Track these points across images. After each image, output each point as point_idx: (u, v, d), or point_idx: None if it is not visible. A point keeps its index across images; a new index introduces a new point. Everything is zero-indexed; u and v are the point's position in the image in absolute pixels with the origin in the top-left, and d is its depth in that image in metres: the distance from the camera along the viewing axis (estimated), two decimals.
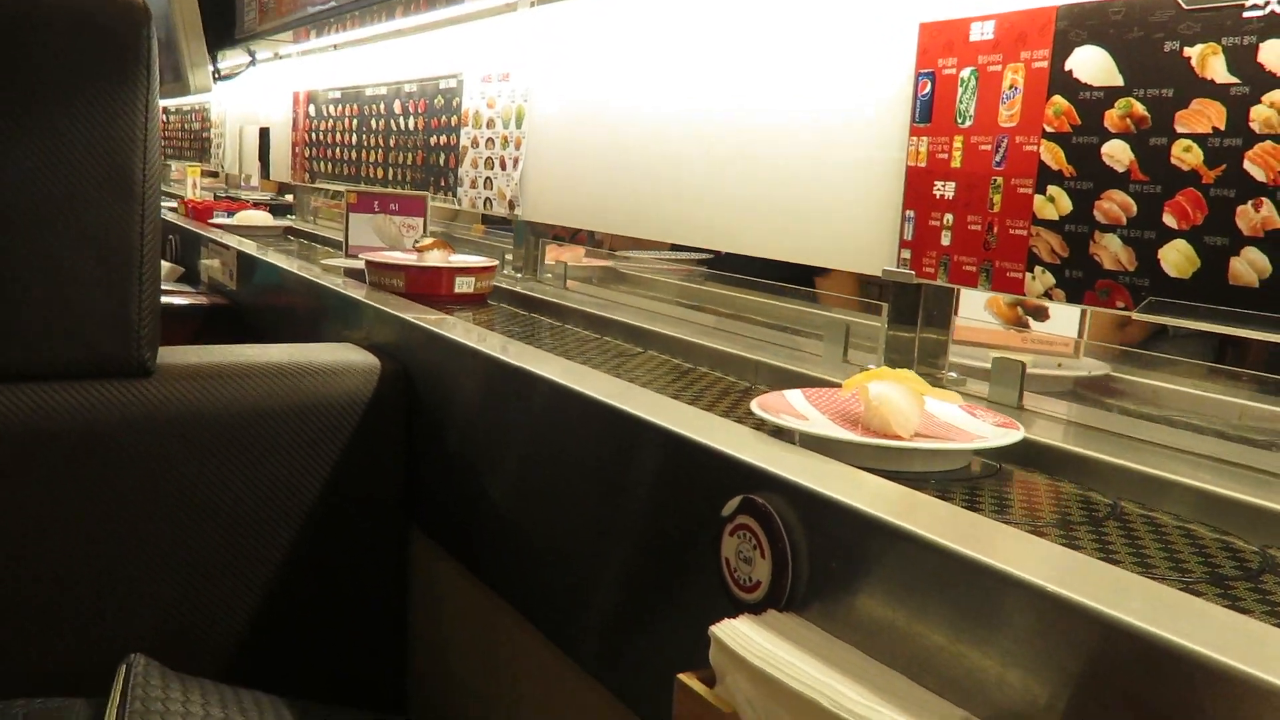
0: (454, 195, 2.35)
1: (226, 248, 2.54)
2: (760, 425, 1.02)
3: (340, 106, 3.06)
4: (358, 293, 1.77)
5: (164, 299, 2.49)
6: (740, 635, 0.76)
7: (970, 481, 0.92)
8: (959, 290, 1.22)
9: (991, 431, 0.96)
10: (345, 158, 3.01)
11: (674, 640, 0.95)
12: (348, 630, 1.51)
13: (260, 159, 3.77)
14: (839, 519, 0.77)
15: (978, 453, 0.97)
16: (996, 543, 0.69)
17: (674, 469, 0.96)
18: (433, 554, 1.47)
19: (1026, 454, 0.98)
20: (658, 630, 0.98)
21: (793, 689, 0.70)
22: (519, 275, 2.12)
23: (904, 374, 1.00)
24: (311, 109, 3.28)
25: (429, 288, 1.80)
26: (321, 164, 3.22)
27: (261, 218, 3.17)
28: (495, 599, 1.28)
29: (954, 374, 1.25)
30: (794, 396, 1.06)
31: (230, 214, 3.22)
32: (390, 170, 2.71)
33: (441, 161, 2.42)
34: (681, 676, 0.80)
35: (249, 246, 2.53)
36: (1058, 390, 1.24)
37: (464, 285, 1.83)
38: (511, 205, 2.11)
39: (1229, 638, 0.56)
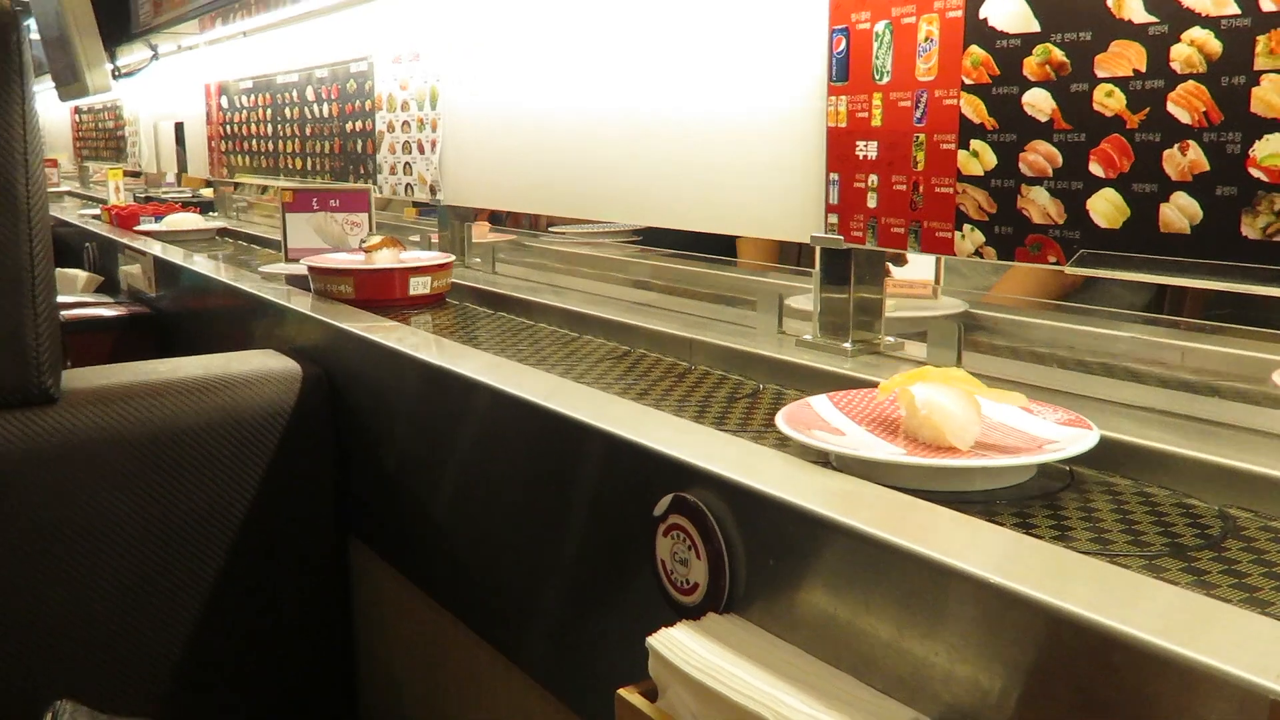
0: (374, 182, 2.28)
1: (143, 254, 2.45)
2: (783, 443, 0.88)
3: (253, 97, 2.95)
4: (277, 296, 1.70)
5: (80, 310, 2.41)
6: (678, 645, 0.72)
7: (1046, 499, 0.78)
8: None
9: (1062, 434, 0.82)
10: (262, 149, 2.92)
11: (618, 647, 0.91)
12: (291, 647, 1.46)
13: (177, 155, 3.65)
14: (774, 514, 0.73)
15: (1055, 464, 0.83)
16: (937, 532, 0.66)
17: (605, 468, 0.92)
18: (372, 563, 1.42)
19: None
20: (601, 636, 0.94)
21: (735, 702, 0.66)
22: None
23: (953, 374, 0.86)
24: (224, 101, 3.18)
25: (381, 292, 1.64)
26: (239, 157, 3.12)
27: (192, 220, 2.98)
28: (437, 608, 1.23)
29: (890, 338, 1.22)
30: (822, 405, 0.92)
31: (158, 218, 3.04)
32: (308, 160, 2.63)
33: (359, 148, 2.34)
34: (622, 692, 0.76)
35: (174, 254, 2.42)
36: (921, 330, 1.24)
37: (419, 286, 1.66)
38: (433, 190, 2.05)
39: (1176, 622, 0.53)
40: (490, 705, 1.17)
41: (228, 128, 3.17)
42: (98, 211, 3.52)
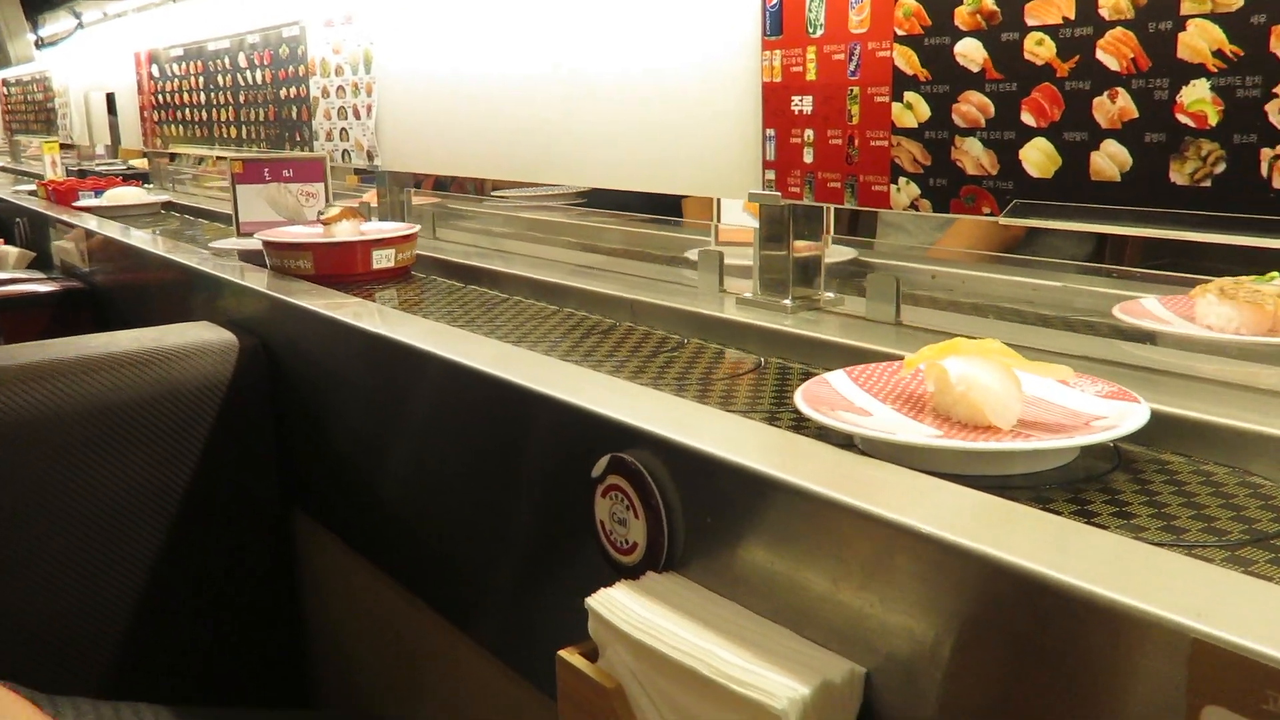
0: (311, 149, 2.23)
1: (73, 228, 2.39)
2: (800, 425, 0.82)
3: (184, 65, 2.88)
4: (213, 267, 1.66)
5: (13, 287, 2.35)
6: (617, 605, 0.72)
7: (1097, 481, 0.71)
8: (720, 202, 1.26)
9: (1108, 409, 0.75)
10: (196, 119, 2.85)
11: (562, 609, 0.90)
12: (236, 622, 1.44)
13: (110, 126, 3.56)
14: (710, 472, 0.72)
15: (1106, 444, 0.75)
16: (872, 484, 0.66)
17: (546, 431, 0.91)
18: (317, 534, 1.41)
19: None
20: (545, 600, 0.93)
21: (672, 658, 0.66)
22: None
23: (987, 345, 0.79)
24: (155, 70, 3.10)
25: (343, 266, 1.55)
26: (172, 127, 3.04)
27: (134, 194, 2.80)
28: (383, 576, 1.22)
29: (830, 294, 1.22)
30: (841, 382, 0.85)
31: (98, 193, 2.86)
32: (243, 128, 2.57)
33: (294, 115, 2.29)
34: (563, 653, 0.75)
35: (109, 227, 2.35)
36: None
37: (383, 259, 1.56)
38: (370, 155, 2.01)
39: (1103, 567, 0.53)
40: (439, 672, 1.17)
41: (160, 97, 3.09)
42: (33, 187, 3.41)
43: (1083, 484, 0.71)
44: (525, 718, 1.00)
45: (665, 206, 2.23)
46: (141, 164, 3.73)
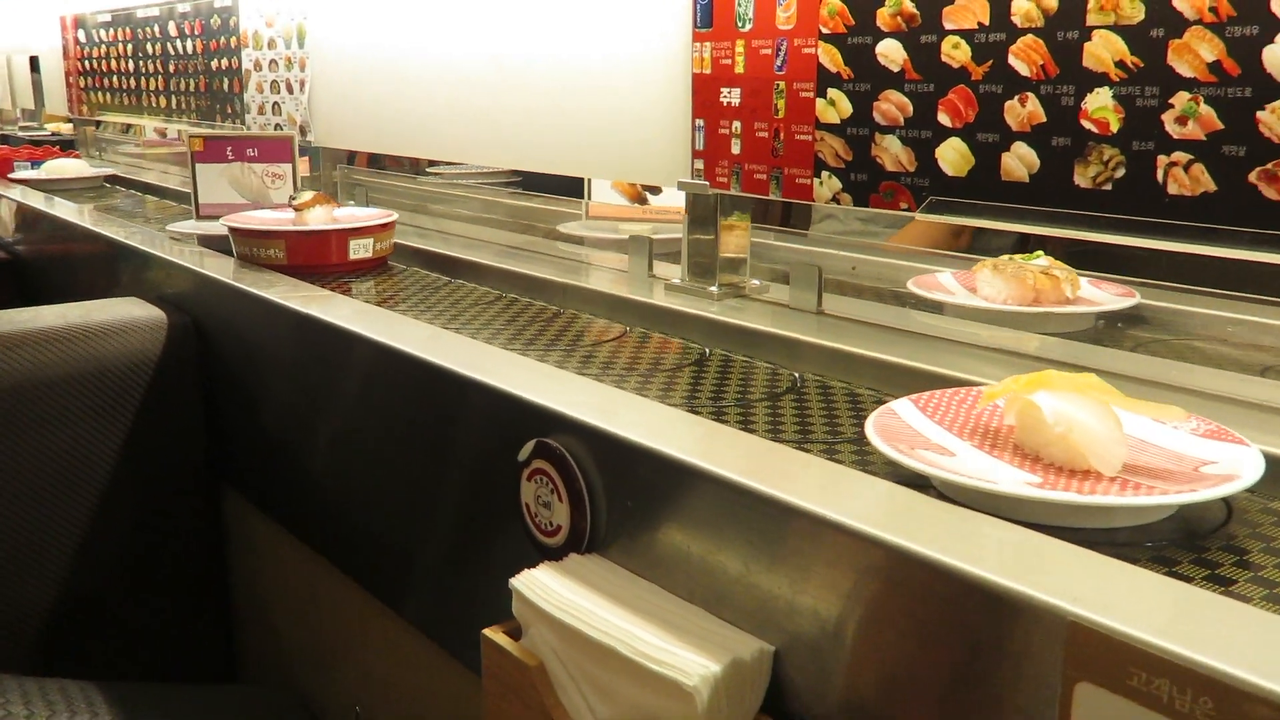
0: (242, 122, 2.21)
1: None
2: (865, 457, 0.77)
3: (111, 31, 2.83)
4: (142, 242, 1.65)
5: None
6: (539, 586, 0.75)
7: (1216, 536, 0.64)
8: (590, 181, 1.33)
9: (1218, 454, 0.69)
10: (124, 86, 2.80)
11: (490, 590, 0.93)
12: (165, 599, 1.44)
13: (34, 87, 3.47)
14: (630, 458, 0.75)
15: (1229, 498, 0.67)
16: (778, 472, 0.69)
17: (474, 414, 0.93)
18: (246, 511, 1.41)
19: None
20: (473, 580, 0.96)
21: (592, 638, 0.69)
22: None
23: (1083, 379, 0.71)
24: (81, 34, 3.03)
25: (317, 256, 1.44)
26: (99, 94, 2.99)
27: (76, 167, 2.61)
28: (312, 554, 1.24)
29: (756, 281, 1.25)
30: (910, 415, 0.77)
31: (35, 164, 2.65)
32: (173, 99, 2.53)
33: (226, 87, 2.27)
34: (487, 632, 0.78)
35: (34, 198, 2.23)
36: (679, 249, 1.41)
37: (360, 249, 1.47)
38: (303, 130, 2.00)
39: (993, 554, 0.57)
40: (368, 649, 1.19)
41: (86, 63, 3.03)
42: None
43: (1200, 538, 0.64)
44: (454, 695, 1.03)
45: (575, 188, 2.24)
46: (65, 129, 3.64)
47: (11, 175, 2.62)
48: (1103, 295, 1.18)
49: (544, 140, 1.47)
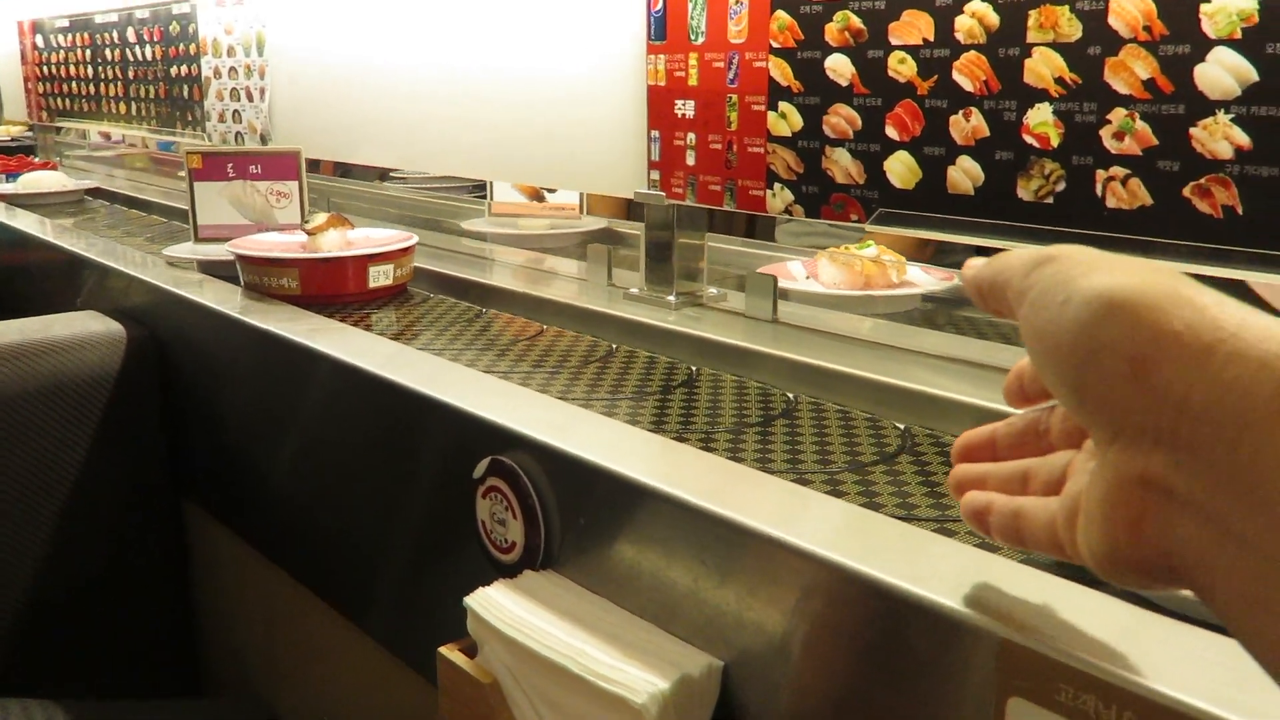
0: (203, 130, 2.20)
1: None
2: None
3: (70, 36, 2.80)
4: (101, 255, 1.64)
5: None
6: (493, 604, 0.76)
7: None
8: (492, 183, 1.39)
9: None
10: (83, 93, 2.78)
11: (448, 606, 0.93)
12: (128, 615, 1.44)
13: None
14: (583, 475, 0.76)
15: None
16: (726, 490, 0.70)
17: (432, 432, 0.94)
18: (208, 526, 1.41)
19: None
20: (432, 596, 0.96)
21: (544, 656, 0.70)
22: None
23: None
24: (39, 40, 3.00)
25: (333, 286, 1.34)
26: (58, 100, 2.96)
27: (55, 180, 2.48)
28: (275, 570, 1.24)
29: (713, 290, 1.26)
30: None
31: (10, 176, 2.50)
32: (133, 105, 2.52)
33: (186, 94, 2.26)
34: (443, 649, 0.79)
35: (13, 214, 2.08)
36: (575, 243, 1.75)
37: (380, 276, 1.36)
38: (264, 139, 2.00)
39: (928, 569, 0.58)
40: (331, 664, 1.19)
41: (45, 69, 3.00)
42: None
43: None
44: (417, 708, 1.03)
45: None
46: (15, 130, 3.57)
47: None
48: (927, 279, 1.35)
49: (503, 151, 1.47)
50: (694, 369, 1.06)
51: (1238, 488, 0.33)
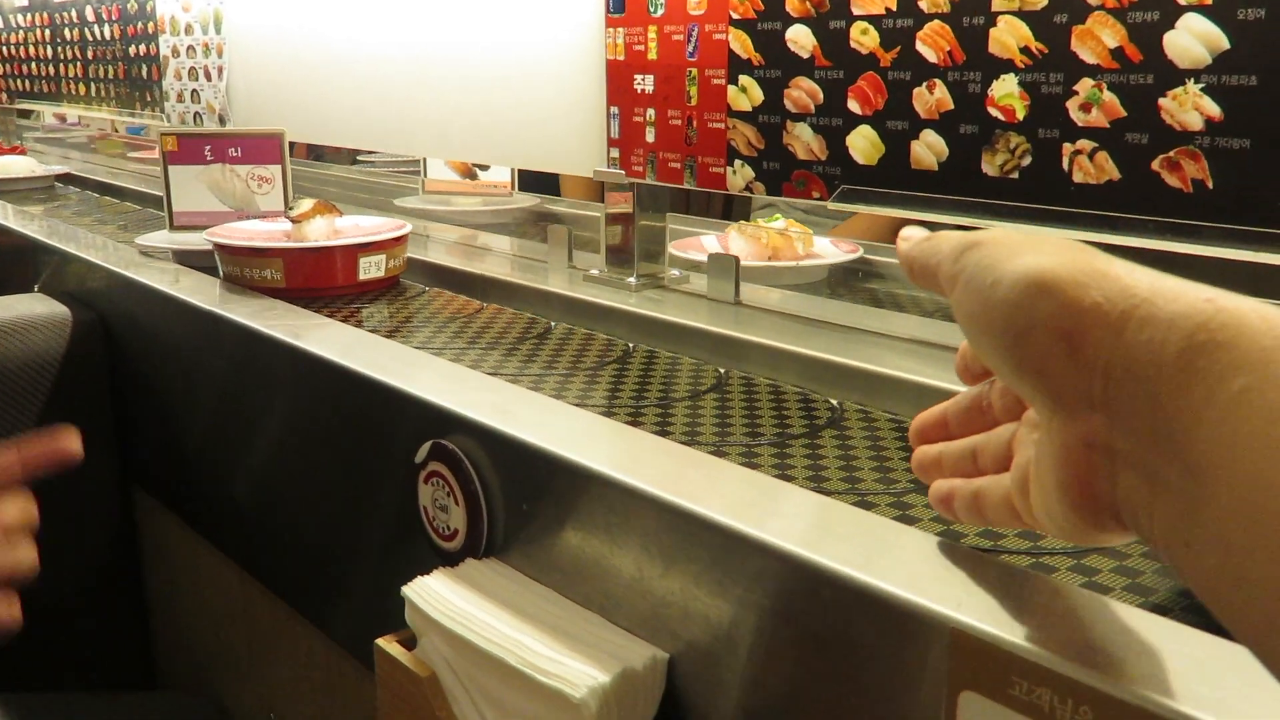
0: (161, 110, 2.15)
1: None
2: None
3: (29, 16, 2.74)
4: (45, 234, 1.59)
5: None
6: (432, 594, 0.72)
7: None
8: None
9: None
10: (43, 73, 2.72)
11: (394, 596, 0.90)
12: (78, 604, 1.40)
13: None
14: (523, 459, 0.73)
15: None
16: (669, 473, 0.67)
17: (376, 416, 0.90)
18: (158, 514, 1.37)
19: None
20: (379, 586, 0.93)
21: (482, 648, 0.67)
22: None
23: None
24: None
25: (320, 278, 1.24)
26: (18, 80, 2.90)
27: (25, 165, 2.36)
28: (224, 559, 1.20)
29: (676, 271, 1.23)
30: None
31: None
32: (92, 85, 2.46)
33: (145, 74, 2.21)
34: (380, 641, 0.75)
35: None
36: (508, 220, 1.82)
37: (371, 268, 1.26)
38: (222, 119, 1.95)
39: (875, 554, 0.55)
40: (281, 656, 1.15)
41: (4, 49, 2.93)
42: None
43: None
44: (364, 704, 1.00)
45: (544, 184, 2.24)
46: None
47: None
48: (834, 250, 1.39)
49: (460, 130, 1.43)
50: (651, 351, 1.03)
51: (1159, 439, 0.36)
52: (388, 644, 0.74)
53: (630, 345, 1.05)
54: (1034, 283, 0.39)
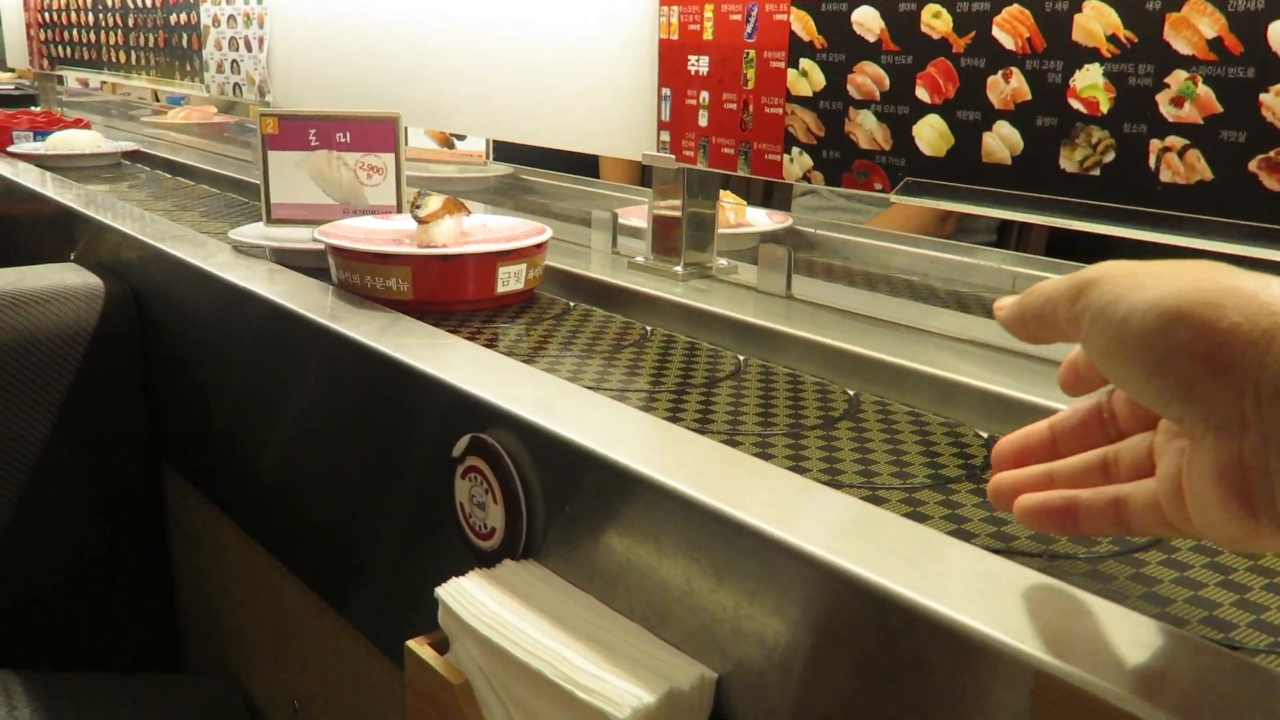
0: (201, 81, 2.13)
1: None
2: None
3: None
4: (78, 201, 1.57)
5: None
6: (466, 597, 0.69)
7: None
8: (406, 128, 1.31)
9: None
10: (84, 40, 2.70)
11: (425, 594, 0.87)
12: (104, 582, 1.38)
13: None
14: (569, 457, 0.69)
15: None
16: (727, 482, 0.63)
17: (413, 406, 0.86)
18: (188, 494, 1.34)
19: None
20: (412, 583, 0.89)
21: (518, 658, 0.63)
22: None
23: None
24: None
25: (453, 290, 1.06)
26: (59, 48, 2.88)
27: (88, 140, 2.15)
28: (253, 543, 1.17)
29: (724, 261, 1.18)
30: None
31: (40, 134, 2.19)
32: (132, 54, 2.44)
33: (185, 43, 2.18)
34: (411, 643, 0.72)
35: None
36: (482, 188, 1.88)
37: (510, 279, 1.08)
38: (261, 91, 1.92)
39: (954, 584, 0.51)
40: (306, 645, 1.12)
41: (46, 15, 2.92)
42: None
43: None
44: (393, 697, 0.97)
45: (584, 164, 2.20)
46: (4, 77, 3.48)
47: (11, 149, 2.14)
48: (766, 221, 1.46)
49: (508, 107, 1.39)
50: (692, 342, 0.98)
51: None
52: (419, 646, 0.71)
53: (671, 335, 1.01)
54: (1166, 312, 0.39)
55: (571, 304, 1.13)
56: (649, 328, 1.04)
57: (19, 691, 1.10)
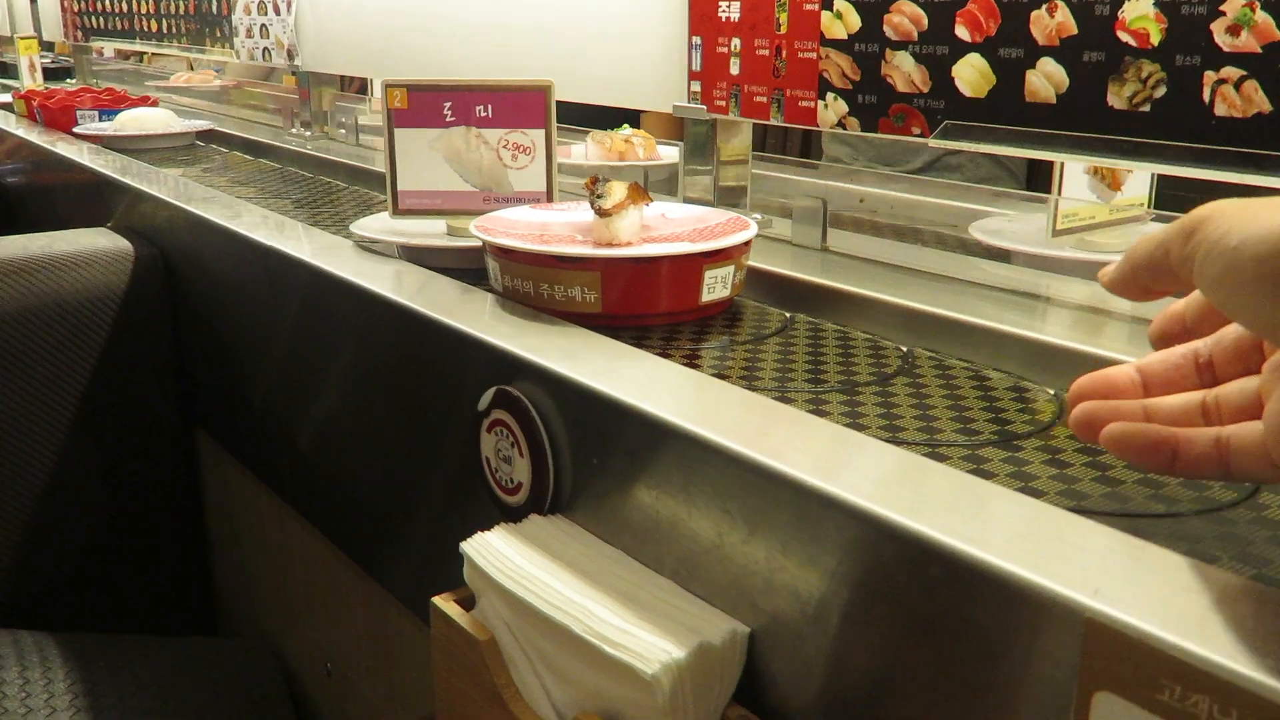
0: (231, 45, 2.11)
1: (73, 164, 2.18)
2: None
3: None
4: (107, 167, 1.56)
5: None
6: (491, 551, 0.67)
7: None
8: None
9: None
10: (116, 9, 2.70)
11: (453, 551, 0.85)
12: (138, 544, 1.38)
13: (32, 14, 3.37)
14: (594, 409, 0.67)
15: None
16: (752, 427, 0.61)
17: (438, 360, 0.84)
18: (219, 457, 1.34)
19: None
20: (441, 541, 0.88)
21: (544, 613, 0.61)
22: (307, 134, 1.92)
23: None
24: None
25: (645, 301, 0.86)
26: (93, 19, 2.88)
27: (160, 119, 1.98)
28: (284, 505, 1.17)
29: (759, 215, 1.15)
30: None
31: (106, 114, 2.02)
32: (163, 22, 2.43)
33: (214, 9, 2.16)
34: (437, 600, 0.70)
35: (32, 130, 1.85)
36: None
37: (717, 285, 0.87)
38: (290, 54, 1.90)
39: (995, 530, 0.48)
40: (338, 606, 1.12)
41: None
42: (7, 99, 2.44)
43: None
44: (424, 661, 0.96)
45: (611, 119, 2.15)
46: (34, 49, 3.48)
47: (77, 129, 1.99)
48: (673, 153, 1.55)
49: (540, 61, 1.36)
50: (743, 301, 0.96)
51: None
52: (444, 603, 0.69)
53: None
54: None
55: (768, 308, 0.95)
56: None
57: (53, 653, 1.10)
